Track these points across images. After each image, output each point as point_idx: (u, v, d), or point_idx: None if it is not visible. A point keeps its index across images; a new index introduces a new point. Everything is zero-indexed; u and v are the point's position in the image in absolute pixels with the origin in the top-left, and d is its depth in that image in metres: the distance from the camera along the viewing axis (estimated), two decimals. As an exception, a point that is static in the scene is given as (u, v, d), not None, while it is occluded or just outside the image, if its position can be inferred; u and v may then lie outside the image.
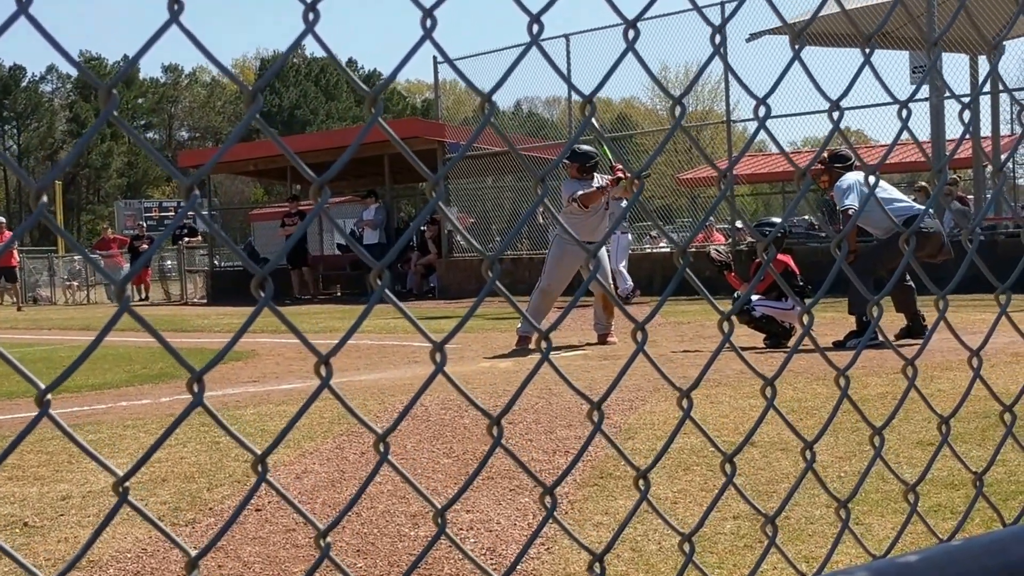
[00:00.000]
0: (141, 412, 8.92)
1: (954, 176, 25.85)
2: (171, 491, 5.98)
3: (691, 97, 54.24)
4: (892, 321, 11.46)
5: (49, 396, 1.21)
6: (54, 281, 41.68)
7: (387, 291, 1.44)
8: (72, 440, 1.25)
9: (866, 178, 2.05)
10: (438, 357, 1.51)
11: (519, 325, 13.28)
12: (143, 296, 35.79)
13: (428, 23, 1.48)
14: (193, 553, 1.33)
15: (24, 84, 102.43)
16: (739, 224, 22.84)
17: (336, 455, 6.73)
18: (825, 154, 11.89)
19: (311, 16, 1.38)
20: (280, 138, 1.51)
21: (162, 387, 10.82)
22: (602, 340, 13.41)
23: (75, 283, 41.16)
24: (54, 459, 6.79)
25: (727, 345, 1.88)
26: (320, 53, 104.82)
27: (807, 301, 11.96)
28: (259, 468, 1.39)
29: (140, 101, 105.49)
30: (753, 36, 22.40)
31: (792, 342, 11.80)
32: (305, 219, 2.19)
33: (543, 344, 1.63)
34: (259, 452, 1.40)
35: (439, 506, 1.58)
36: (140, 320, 1.29)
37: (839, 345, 11.31)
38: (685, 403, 1.80)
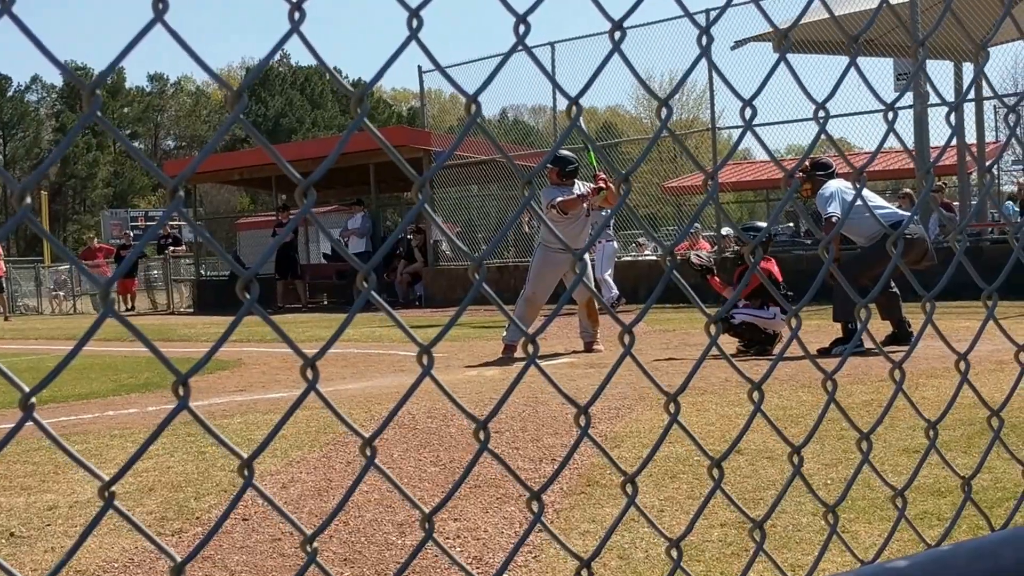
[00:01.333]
0: (128, 421, 8.91)
1: (939, 183, 25.91)
2: (158, 500, 5.96)
3: (677, 105, 54.41)
4: (878, 328, 11.47)
5: (33, 400, 1.20)
6: (40, 291, 41.59)
7: (374, 294, 1.43)
8: (58, 445, 1.24)
9: (854, 183, 2.04)
10: (425, 360, 1.51)
11: (504, 334, 13.26)
12: (129, 306, 35.75)
13: (414, 23, 1.47)
14: (179, 559, 1.32)
15: (10, 94, 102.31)
16: (724, 231, 22.87)
17: (323, 464, 6.72)
18: (807, 162, 11.92)
19: (296, 15, 1.37)
20: (264, 141, 1.51)
21: (148, 396, 10.80)
22: (588, 348, 13.39)
23: (61, 293, 41.10)
24: (40, 469, 6.78)
25: (713, 351, 1.87)
26: (305, 61, 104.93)
27: (793, 306, 11.91)
28: (245, 473, 1.38)
29: (126, 110, 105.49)
30: (738, 43, 22.45)
31: (778, 348, 11.83)
32: (290, 222, 2.15)
33: (530, 348, 1.63)
34: (245, 456, 1.39)
35: (426, 511, 1.58)
36: (124, 323, 1.29)
37: (825, 352, 11.31)
38: (672, 408, 1.80)
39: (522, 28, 1.59)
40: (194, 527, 5.45)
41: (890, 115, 2.05)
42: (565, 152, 13.59)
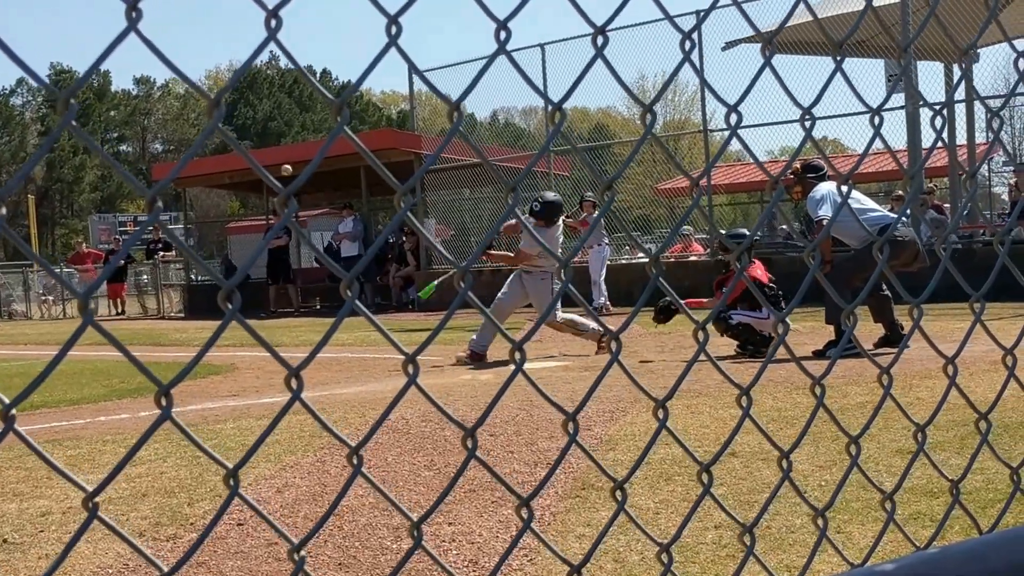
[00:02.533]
0: (120, 427, 8.89)
1: (930, 185, 25.90)
2: (151, 506, 5.96)
3: (668, 107, 54.46)
4: (871, 331, 11.48)
5: (14, 411, 1.20)
6: (29, 296, 41.47)
7: (358, 303, 1.43)
8: (40, 456, 1.24)
9: (839, 187, 2.06)
10: (411, 369, 1.51)
11: (473, 338, 13.23)
12: (120, 311, 35.74)
13: (393, 30, 1.47)
14: (166, 568, 1.32)
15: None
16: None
17: (317, 468, 6.71)
18: (797, 164, 11.95)
19: (273, 23, 1.37)
20: (253, 151, 1.51)
21: (140, 401, 10.78)
22: (599, 348, 13.33)
23: (50, 298, 40.99)
24: (33, 475, 6.77)
25: (703, 355, 1.88)
26: (291, 64, 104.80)
27: (781, 310, 11.98)
28: (230, 483, 1.38)
29: (112, 114, 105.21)
30: (728, 45, 22.44)
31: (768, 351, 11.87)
32: (271, 231, 2.24)
33: (517, 356, 1.63)
34: (231, 466, 1.39)
35: (415, 519, 1.57)
36: (105, 334, 1.28)
37: (818, 354, 11.31)
38: (661, 413, 1.80)
39: (503, 34, 1.58)
40: (188, 533, 5.45)
41: (876, 119, 2.05)
42: (551, 198, 13.74)
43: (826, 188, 11.67)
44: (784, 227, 26.27)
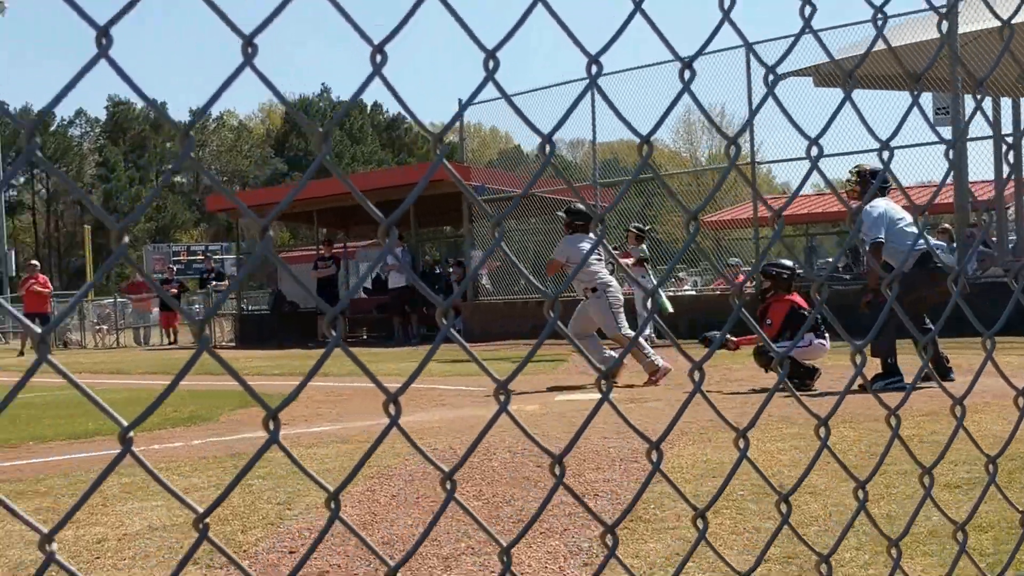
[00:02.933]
0: (174, 455, 8.93)
1: (983, 217, 25.75)
2: (205, 533, 5.99)
3: (714, 138, 54.63)
4: (911, 365, 11.40)
5: (131, 434, 1.23)
6: (84, 325, 41.82)
7: (452, 331, 1.46)
8: (155, 478, 1.27)
9: (915, 219, 2.07)
10: (502, 397, 1.53)
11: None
12: (172, 340, 36.08)
13: (491, 64, 1.50)
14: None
15: (53, 128, 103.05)
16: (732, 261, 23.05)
17: (367, 498, 6.73)
18: (867, 167, 12.02)
19: (379, 58, 1.39)
20: (309, 182, 1.54)
21: (194, 430, 10.83)
22: (650, 379, 13.44)
23: (104, 327, 41.33)
24: (89, 502, 6.77)
25: (763, 386, 1.90)
26: (344, 96, 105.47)
27: (824, 337, 12.03)
28: (331, 505, 1.41)
29: (168, 145, 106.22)
30: (778, 78, 22.41)
31: (826, 383, 11.78)
32: (378, 258, 2.29)
33: (603, 385, 1.65)
34: (332, 489, 1.42)
35: (504, 544, 1.60)
36: (219, 360, 1.32)
37: (865, 388, 11.22)
38: (742, 443, 1.82)
39: (595, 68, 1.61)
40: (242, 560, 5.47)
41: (951, 152, 2.07)
42: (580, 206, 14.66)
43: (883, 206, 11.53)
44: (830, 260, 26.20)
